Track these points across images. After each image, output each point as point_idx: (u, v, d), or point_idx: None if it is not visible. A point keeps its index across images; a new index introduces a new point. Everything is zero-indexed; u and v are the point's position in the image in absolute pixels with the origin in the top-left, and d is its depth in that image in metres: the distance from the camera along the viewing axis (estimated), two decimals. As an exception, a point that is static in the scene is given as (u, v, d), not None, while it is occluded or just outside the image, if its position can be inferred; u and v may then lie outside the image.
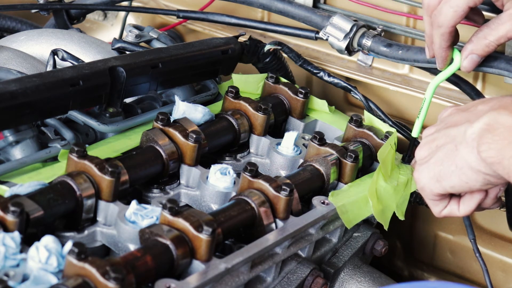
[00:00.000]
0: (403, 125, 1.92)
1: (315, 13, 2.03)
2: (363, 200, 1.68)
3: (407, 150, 1.81)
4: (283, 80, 1.93)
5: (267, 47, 1.98)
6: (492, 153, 1.38)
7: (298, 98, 1.87)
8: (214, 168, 1.62)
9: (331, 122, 1.91)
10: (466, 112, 1.48)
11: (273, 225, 1.54)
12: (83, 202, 1.45)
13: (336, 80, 1.98)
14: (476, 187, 1.46)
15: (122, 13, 2.50)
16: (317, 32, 2.04)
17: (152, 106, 1.84)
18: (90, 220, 1.48)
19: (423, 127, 1.67)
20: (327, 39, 2.01)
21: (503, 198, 1.84)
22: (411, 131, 1.92)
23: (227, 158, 1.76)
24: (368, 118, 1.86)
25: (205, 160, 1.69)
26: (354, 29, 1.98)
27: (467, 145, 1.42)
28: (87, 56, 1.92)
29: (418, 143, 1.67)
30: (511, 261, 2.05)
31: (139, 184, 1.61)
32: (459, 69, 1.70)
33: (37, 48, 1.94)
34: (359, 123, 1.82)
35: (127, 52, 1.89)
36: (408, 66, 2.12)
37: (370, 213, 1.68)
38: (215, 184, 1.60)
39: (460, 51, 1.69)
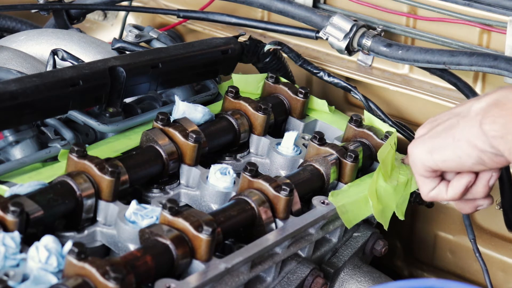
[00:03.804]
0: (403, 125, 1.92)
1: (315, 13, 2.04)
2: (363, 200, 1.68)
3: None
4: (283, 80, 1.93)
5: (267, 47, 1.98)
6: (496, 126, 1.37)
7: (298, 98, 1.87)
8: (214, 168, 1.62)
9: (331, 122, 1.90)
10: (477, 96, 1.48)
11: (273, 225, 1.54)
12: (83, 202, 1.45)
13: (336, 80, 1.98)
14: (468, 163, 1.44)
15: (122, 13, 2.50)
16: (318, 32, 2.04)
17: (152, 106, 1.84)
18: (90, 220, 1.48)
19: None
20: (327, 39, 2.01)
21: (497, 200, 1.85)
22: (411, 131, 1.93)
23: (227, 158, 1.76)
24: (368, 118, 1.86)
25: (205, 160, 1.69)
26: (354, 29, 1.98)
27: (470, 119, 1.41)
28: (87, 56, 1.92)
29: None
30: (511, 261, 2.05)
31: (139, 184, 1.61)
32: None
33: (37, 48, 1.94)
34: (359, 123, 1.82)
35: (127, 52, 1.89)
36: (408, 66, 2.12)
37: (370, 213, 1.68)
38: (215, 184, 1.60)
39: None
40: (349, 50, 2.00)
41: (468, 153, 1.42)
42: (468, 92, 1.91)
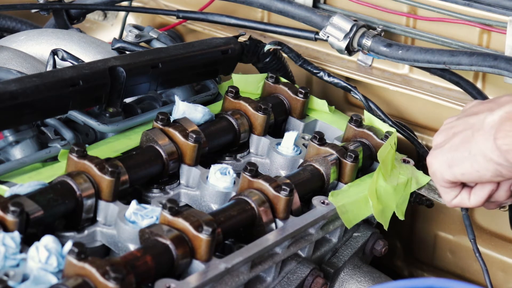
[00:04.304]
0: (403, 125, 1.92)
1: (315, 13, 2.04)
2: (363, 200, 1.68)
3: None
4: (283, 80, 1.93)
5: (267, 47, 1.98)
6: (508, 140, 1.37)
7: (298, 98, 1.87)
8: (214, 168, 1.62)
9: (331, 122, 1.90)
10: (489, 103, 1.48)
11: (273, 225, 1.54)
12: (83, 202, 1.45)
13: (336, 80, 1.98)
14: (486, 176, 1.45)
15: (122, 13, 2.50)
16: (317, 33, 2.04)
17: (152, 106, 1.84)
18: (90, 220, 1.48)
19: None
20: (327, 39, 2.01)
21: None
22: (411, 131, 1.93)
23: (227, 158, 1.76)
24: (368, 118, 1.86)
25: (205, 160, 1.69)
26: (354, 29, 1.98)
27: (484, 132, 1.41)
28: (87, 56, 1.92)
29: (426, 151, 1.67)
30: (511, 261, 2.05)
31: (139, 184, 1.61)
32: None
33: (37, 48, 1.94)
34: (359, 123, 1.82)
35: (127, 52, 1.89)
36: (408, 66, 2.12)
37: (370, 213, 1.68)
38: (215, 184, 1.60)
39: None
40: (349, 50, 2.00)
41: (485, 167, 1.43)
42: (472, 90, 1.91)
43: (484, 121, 1.42)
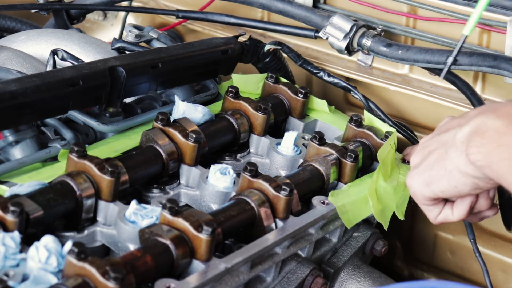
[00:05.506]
0: (403, 125, 1.92)
1: (315, 13, 2.04)
2: (363, 200, 1.68)
3: None
4: (283, 80, 1.93)
5: (267, 47, 1.98)
6: (480, 156, 1.38)
7: (298, 98, 1.87)
8: (214, 168, 1.62)
9: (331, 122, 1.91)
10: (459, 118, 1.50)
11: (273, 225, 1.54)
12: (83, 202, 1.45)
13: (336, 80, 1.98)
14: (465, 191, 1.47)
15: (122, 13, 2.51)
16: (317, 31, 2.04)
17: (152, 106, 1.84)
18: (90, 220, 1.48)
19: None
20: (327, 39, 2.01)
21: (496, 200, 1.84)
22: (411, 131, 1.92)
23: (227, 158, 1.76)
24: (368, 118, 1.86)
25: (205, 160, 1.69)
26: (354, 29, 1.98)
27: (456, 148, 1.43)
28: (87, 56, 1.92)
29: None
30: (511, 261, 2.05)
31: (139, 184, 1.61)
32: None
33: (37, 48, 1.95)
34: (359, 123, 1.82)
35: (127, 52, 1.89)
36: (408, 66, 2.12)
37: (370, 213, 1.68)
38: (215, 184, 1.60)
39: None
40: (349, 50, 2.00)
41: (462, 181, 1.45)
42: (467, 90, 1.91)
43: (455, 138, 1.44)
